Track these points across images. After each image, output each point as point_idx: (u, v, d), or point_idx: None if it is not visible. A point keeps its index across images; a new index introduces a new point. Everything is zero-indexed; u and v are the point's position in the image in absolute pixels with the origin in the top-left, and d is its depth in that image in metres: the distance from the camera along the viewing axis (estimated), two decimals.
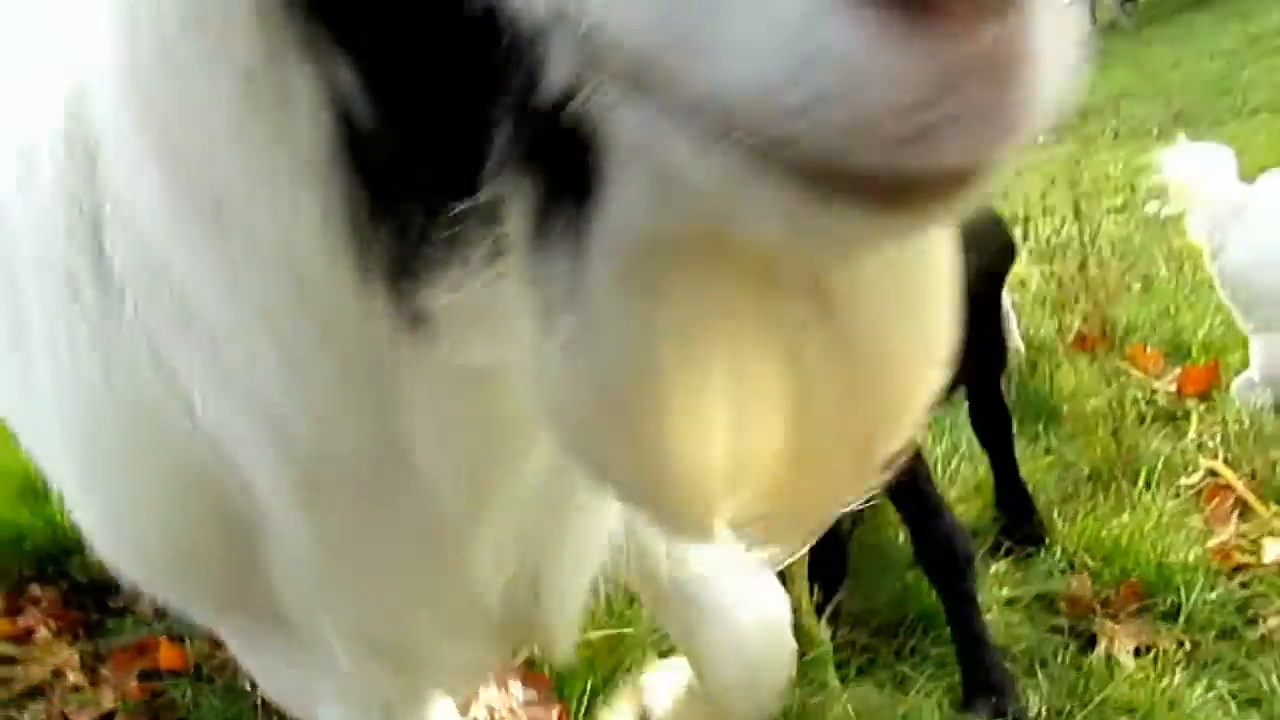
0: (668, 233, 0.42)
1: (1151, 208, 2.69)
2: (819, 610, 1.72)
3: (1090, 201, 4.90)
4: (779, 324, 0.46)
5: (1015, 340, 3.23)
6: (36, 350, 0.67)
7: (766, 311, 0.46)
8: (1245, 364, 2.64)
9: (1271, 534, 2.10)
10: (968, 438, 2.36)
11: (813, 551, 1.60)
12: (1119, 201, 5.07)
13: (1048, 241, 3.65)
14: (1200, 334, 3.15)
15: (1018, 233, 4.00)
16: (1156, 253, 4.09)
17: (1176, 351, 3.15)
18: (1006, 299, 3.28)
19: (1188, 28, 9.25)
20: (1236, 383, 2.58)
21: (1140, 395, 2.84)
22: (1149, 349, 3.11)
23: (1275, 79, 6.50)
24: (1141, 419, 2.71)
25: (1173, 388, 2.85)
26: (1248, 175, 2.73)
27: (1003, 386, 2.27)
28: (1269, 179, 2.46)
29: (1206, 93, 6.83)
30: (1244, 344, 2.69)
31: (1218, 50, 7.84)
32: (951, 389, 2.06)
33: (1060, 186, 3.64)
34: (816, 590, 1.74)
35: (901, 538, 1.98)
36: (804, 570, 1.54)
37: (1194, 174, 2.45)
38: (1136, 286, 3.90)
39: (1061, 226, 3.50)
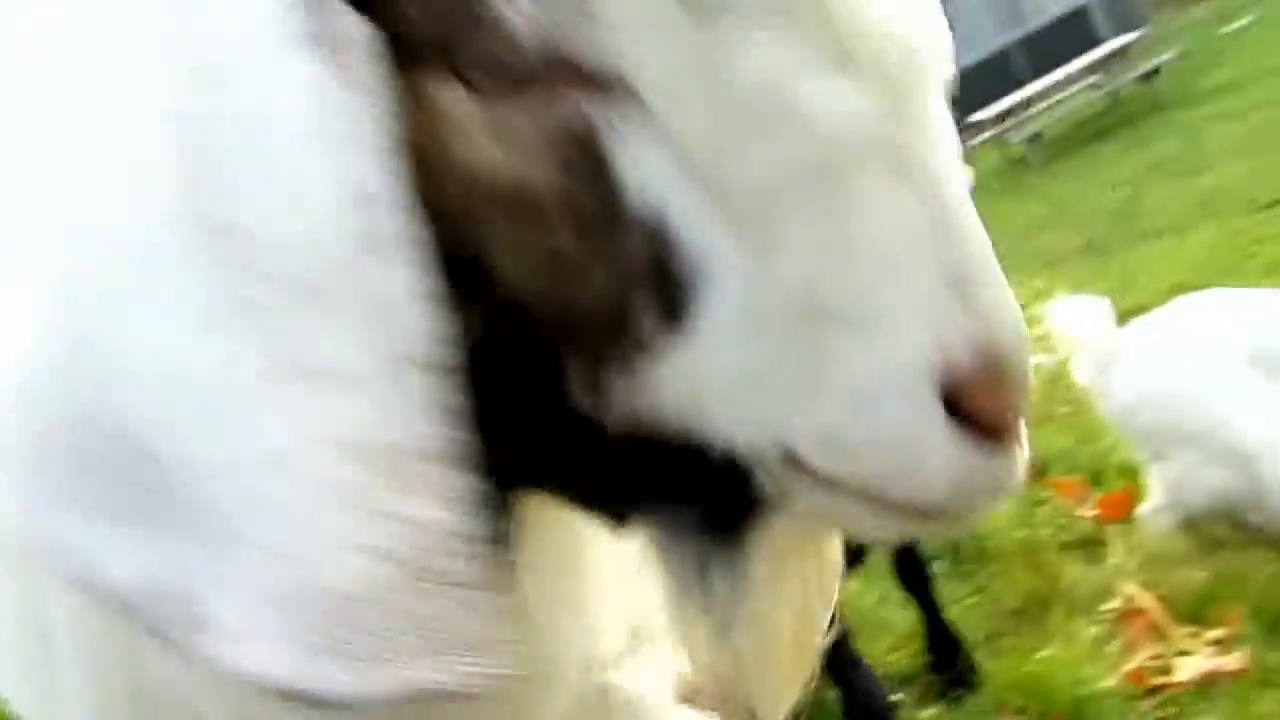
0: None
1: (1034, 359, 2.92)
2: None
3: None
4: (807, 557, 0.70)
5: None
6: None
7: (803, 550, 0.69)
8: None
9: (1183, 654, 2.24)
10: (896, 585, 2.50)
11: None
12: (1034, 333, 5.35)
13: None
14: (1117, 459, 3.33)
15: None
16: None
17: (1098, 477, 3.32)
18: None
19: (1092, 159, 9.88)
20: (1142, 509, 2.75)
21: (1062, 524, 3.01)
22: (1070, 477, 3.28)
23: (1176, 203, 6.95)
24: (1065, 548, 2.87)
25: (1092, 515, 3.01)
26: (1160, 295, 2.94)
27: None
28: (1139, 324, 2.70)
29: (1114, 220, 7.28)
30: None
31: (1120, 179, 8.37)
32: (867, 550, 2.21)
33: None
34: None
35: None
36: None
37: (1073, 324, 2.69)
38: (1064, 411, 4.12)
39: None
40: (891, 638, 2.45)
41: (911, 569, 2.32)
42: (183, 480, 0.41)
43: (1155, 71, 12.30)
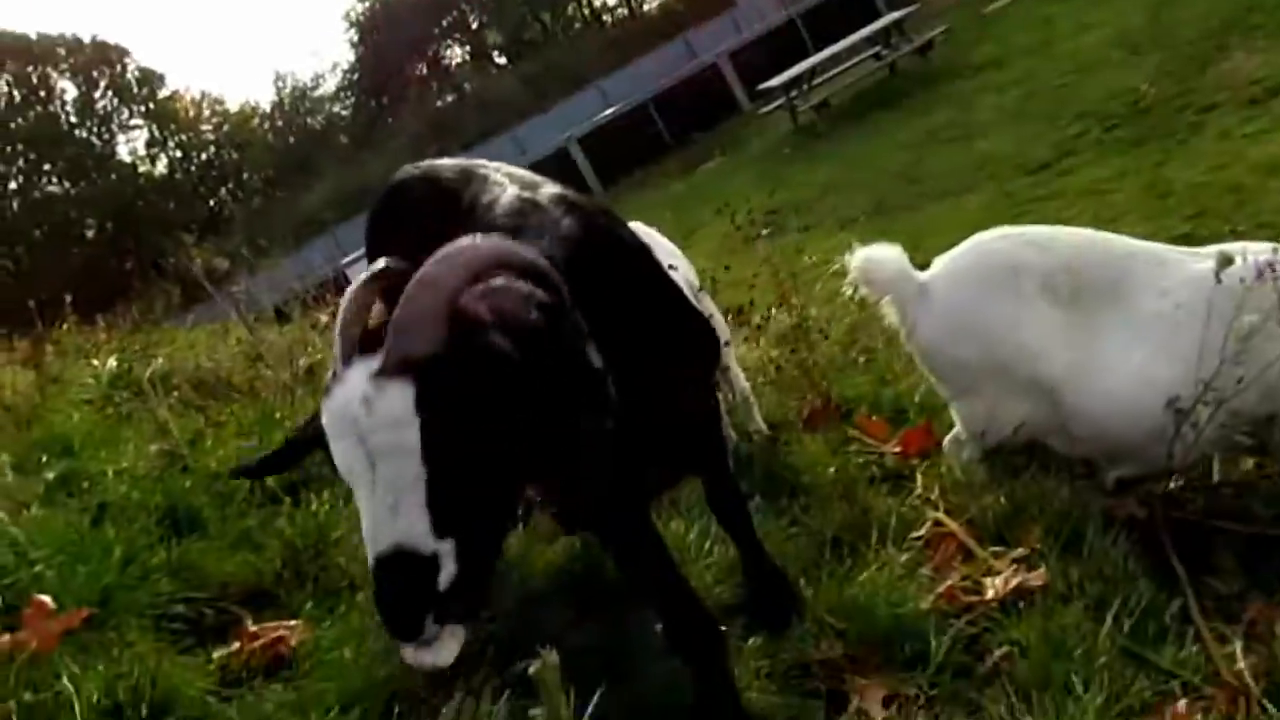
0: None
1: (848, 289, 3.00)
2: (579, 713, 1.71)
3: (805, 289, 5.34)
4: None
5: (758, 423, 3.42)
6: None
7: None
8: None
9: (990, 573, 2.31)
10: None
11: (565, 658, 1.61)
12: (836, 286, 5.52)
13: (758, 328, 3.95)
14: (916, 398, 3.46)
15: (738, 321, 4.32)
16: (875, 330, 4.48)
17: (900, 416, 3.43)
18: (746, 384, 3.49)
19: (875, 126, 10.34)
20: (946, 441, 2.84)
21: (869, 460, 3.08)
22: (875, 417, 3.36)
23: (954, 168, 7.35)
24: (873, 481, 2.94)
25: (897, 450, 3.10)
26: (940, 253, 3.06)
27: (735, 468, 2.38)
28: (938, 265, 2.77)
29: (899, 183, 7.63)
30: None
31: (904, 144, 8.80)
32: (679, 479, 2.15)
33: (776, 278, 3.98)
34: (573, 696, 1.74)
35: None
36: (558, 679, 1.54)
37: (875, 270, 2.74)
38: (862, 360, 4.26)
39: (772, 315, 3.80)
40: (716, 571, 2.42)
41: (726, 503, 2.25)
42: None
43: (929, 46, 13.07)
